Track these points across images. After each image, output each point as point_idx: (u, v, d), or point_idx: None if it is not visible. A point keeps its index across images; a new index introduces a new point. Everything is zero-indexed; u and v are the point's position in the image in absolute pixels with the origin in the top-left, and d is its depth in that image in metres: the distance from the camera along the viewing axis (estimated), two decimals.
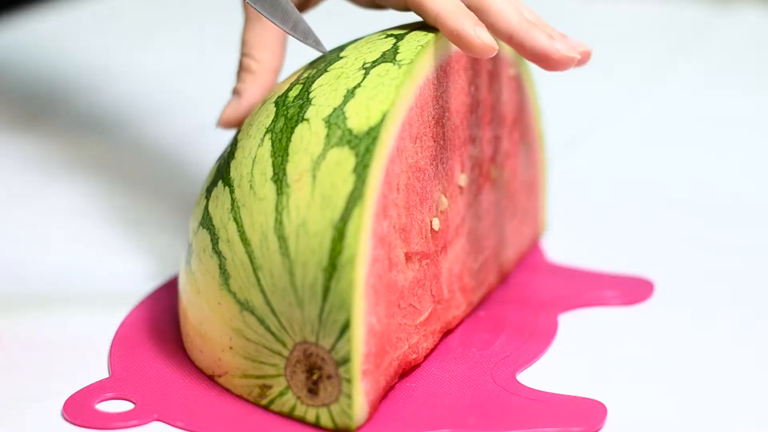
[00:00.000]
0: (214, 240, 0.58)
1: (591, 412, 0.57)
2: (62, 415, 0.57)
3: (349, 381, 0.54)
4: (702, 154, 0.90)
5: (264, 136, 0.58)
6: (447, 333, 0.64)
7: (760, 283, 0.70)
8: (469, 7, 0.61)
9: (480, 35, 0.59)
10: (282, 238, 0.55)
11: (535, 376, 0.61)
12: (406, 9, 0.63)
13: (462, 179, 0.63)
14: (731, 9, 1.22)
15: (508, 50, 0.68)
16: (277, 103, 0.60)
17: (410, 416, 0.57)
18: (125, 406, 0.58)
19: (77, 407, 0.57)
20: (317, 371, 0.55)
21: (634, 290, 0.69)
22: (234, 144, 0.60)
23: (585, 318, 0.66)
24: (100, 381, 0.59)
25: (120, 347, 0.62)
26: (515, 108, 0.69)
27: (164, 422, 0.57)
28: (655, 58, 1.11)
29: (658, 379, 0.61)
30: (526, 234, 0.73)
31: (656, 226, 0.78)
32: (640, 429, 0.57)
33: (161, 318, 0.65)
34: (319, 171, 0.55)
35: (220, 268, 0.57)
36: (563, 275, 0.71)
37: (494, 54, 0.59)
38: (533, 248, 0.74)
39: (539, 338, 0.64)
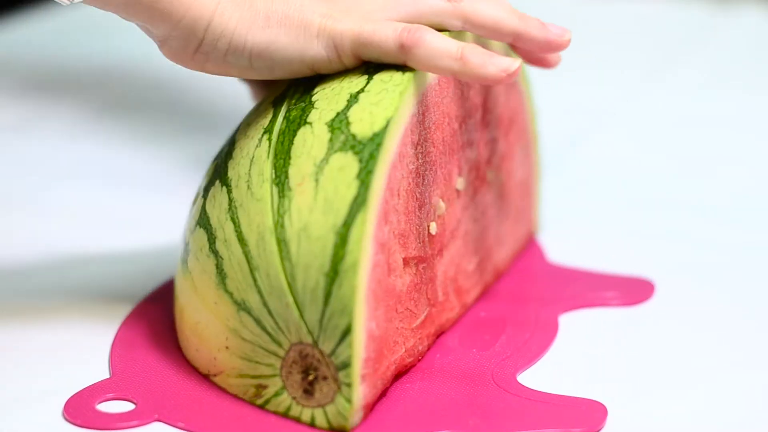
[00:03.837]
0: (211, 240, 0.58)
1: (591, 413, 0.57)
2: (63, 416, 0.57)
3: (349, 385, 0.54)
4: (702, 153, 0.90)
5: (262, 136, 0.58)
6: (440, 335, 0.63)
7: (760, 283, 0.70)
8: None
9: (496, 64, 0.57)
10: (283, 242, 0.55)
11: (535, 377, 0.60)
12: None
13: (459, 183, 0.63)
14: (731, 9, 1.22)
15: (501, 51, 0.67)
16: (275, 104, 0.60)
17: (410, 417, 0.57)
18: (126, 406, 0.58)
19: (78, 407, 0.57)
20: (313, 372, 0.55)
21: (634, 290, 0.69)
22: (231, 143, 0.60)
23: (585, 318, 0.66)
24: (101, 381, 0.59)
25: (120, 347, 0.62)
26: (511, 109, 0.69)
27: (165, 422, 0.57)
28: (655, 58, 1.11)
29: (658, 379, 0.61)
30: (519, 234, 0.73)
31: (656, 226, 0.78)
32: (640, 429, 0.57)
33: (161, 318, 0.65)
34: (322, 175, 0.55)
35: (217, 267, 0.57)
36: (563, 276, 0.71)
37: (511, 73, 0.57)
38: (533, 248, 0.74)
39: (539, 339, 0.64)
